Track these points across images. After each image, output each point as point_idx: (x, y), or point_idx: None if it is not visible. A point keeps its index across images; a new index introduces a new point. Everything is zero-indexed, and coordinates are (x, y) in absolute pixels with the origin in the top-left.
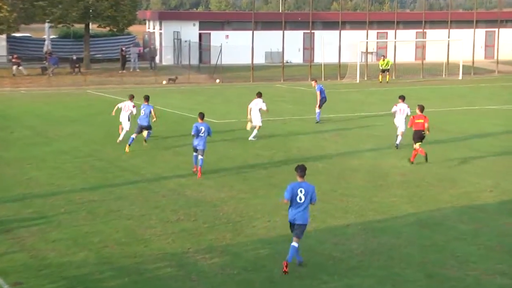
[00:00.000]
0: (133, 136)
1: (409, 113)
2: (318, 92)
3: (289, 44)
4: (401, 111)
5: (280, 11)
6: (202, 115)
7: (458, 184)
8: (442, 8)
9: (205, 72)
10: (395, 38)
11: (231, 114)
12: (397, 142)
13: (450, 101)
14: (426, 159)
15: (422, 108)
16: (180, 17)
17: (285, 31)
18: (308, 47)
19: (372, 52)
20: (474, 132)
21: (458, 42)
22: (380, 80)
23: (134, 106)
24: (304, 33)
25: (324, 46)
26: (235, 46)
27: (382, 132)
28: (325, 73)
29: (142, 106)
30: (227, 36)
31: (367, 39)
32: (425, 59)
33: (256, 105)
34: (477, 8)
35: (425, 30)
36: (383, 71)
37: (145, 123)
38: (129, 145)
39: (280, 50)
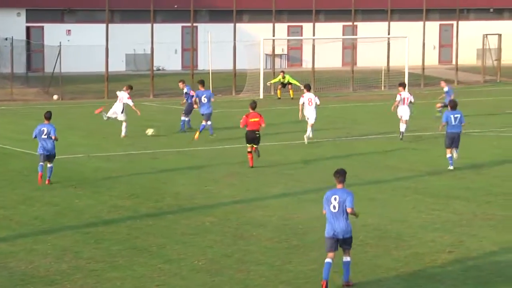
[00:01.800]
0: (204, 123)
1: (412, 101)
2: (193, 93)
3: (161, 44)
4: (405, 100)
5: None
6: (49, 115)
7: (406, 242)
8: None
9: (36, 84)
10: (314, 34)
11: (77, 147)
12: (402, 129)
13: (393, 124)
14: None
15: (254, 105)
16: None
17: (155, 24)
18: (189, 47)
19: (281, 55)
20: (427, 169)
21: (401, 40)
22: (279, 96)
23: (129, 98)
24: (182, 27)
25: (211, 46)
26: (80, 47)
27: (297, 170)
28: (214, 84)
29: (200, 93)
30: (69, 32)
31: (273, 35)
32: (356, 64)
33: (311, 101)
34: None
35: (355, 23)
36: (284, 84)
37: (206, 111)
38: (200, 131)
39: (148, 51)
